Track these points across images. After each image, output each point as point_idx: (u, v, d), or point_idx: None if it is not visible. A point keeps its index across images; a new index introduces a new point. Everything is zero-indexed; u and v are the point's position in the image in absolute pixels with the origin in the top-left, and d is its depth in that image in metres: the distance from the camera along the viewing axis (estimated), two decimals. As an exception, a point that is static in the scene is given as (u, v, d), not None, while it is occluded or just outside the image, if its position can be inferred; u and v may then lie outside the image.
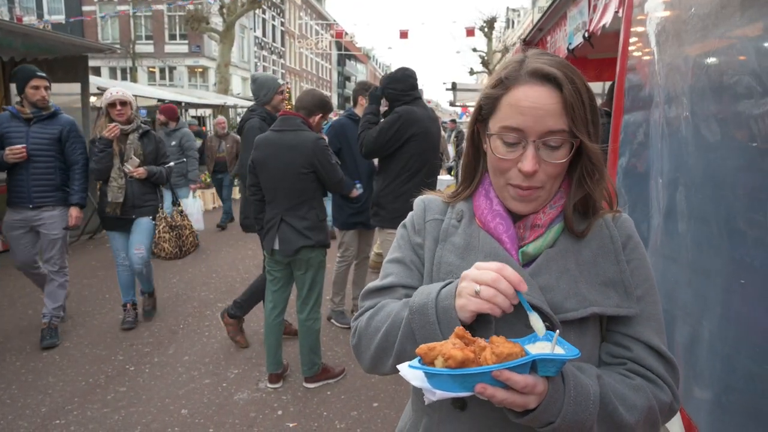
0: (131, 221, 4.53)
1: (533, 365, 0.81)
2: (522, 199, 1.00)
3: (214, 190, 13.25)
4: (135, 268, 4.60)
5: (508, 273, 0.85)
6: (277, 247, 3.46)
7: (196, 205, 7.33)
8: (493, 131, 1.00)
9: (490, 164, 1.04)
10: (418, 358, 0.83)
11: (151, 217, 4.59)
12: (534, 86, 0.96)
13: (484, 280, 0.86)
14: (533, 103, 0.95)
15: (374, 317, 1.05)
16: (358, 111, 4.56)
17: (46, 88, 4.25)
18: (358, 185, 4.39)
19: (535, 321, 0.88)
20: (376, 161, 4.36)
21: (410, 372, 0.85)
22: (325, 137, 3.91)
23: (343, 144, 4.48)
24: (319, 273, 3.58)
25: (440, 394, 0.80)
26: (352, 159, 4.46)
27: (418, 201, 1.19)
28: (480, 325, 0.94)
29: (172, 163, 4.87)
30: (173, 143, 7.37)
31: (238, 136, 8.85)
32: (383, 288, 1.10)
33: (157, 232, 4.69)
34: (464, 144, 1.15)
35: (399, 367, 0.87)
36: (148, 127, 4.67)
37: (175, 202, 5.13)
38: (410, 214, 1.18)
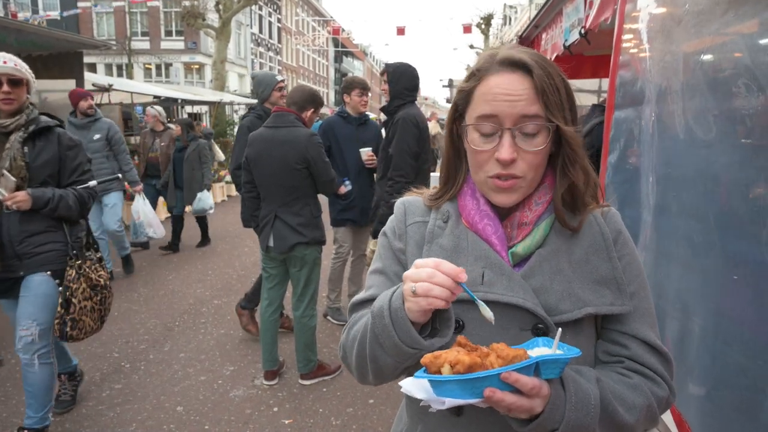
0: (18, 281, 2.76)
1: (536, 369, 0.81)
2: (502, 190, 0.98)
3: (223, 184, 12.79)
4: (22, 361, 2.83)
5: (445, 267, 0.84)
6: (271, 244, 3.45)
7: (147, 208, 6.30)
8: (468, 123, 1.00)
9: (470, 159, 1.03)
10: (423, 368, 0.82)
11: (49, 273, 2.78)
12: (505, 74, 0.96)
13: (420, 278, 0.84)
14: (505, 89, 0.95)
15: (352, 329, 1.05)
16: (348, 109, 4.58)
17: None
18: (347, 182, 4.41)
19: (483, 310, 0.87)
20: (365, 156, 4.36)
21: (413, 385, 0.84)
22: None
23: (332, 141, 4.51)
24: (314, 270, 3.57)
25: (449, 402, 0.79)
26: (341, 156, 4.49)
27: (398, 204, 1.16)
28: (442, 323, 0.92)
29: (93, 183, 2.93)
30: (97, 137, 5.61)
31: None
32: (365, 300, 1.09)
33: (75, 298, 2.79)
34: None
35: (402, 383, 0.86)
36: (55, 121, 2.89)
37: (91, 245, 2.99)
38: (390, 218, 1.15)
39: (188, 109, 23.57)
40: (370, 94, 4.56)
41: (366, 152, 4.37)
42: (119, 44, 24.36)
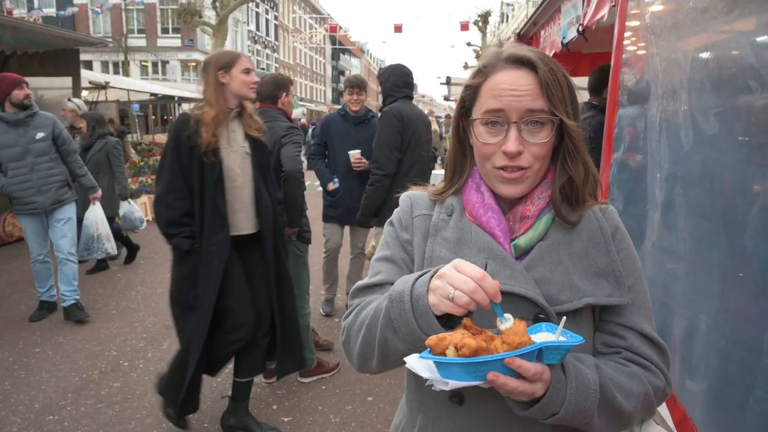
0: None
1: (538, 354, 0.83)
2: (509, 181, 1.01)
3: None
4: None
5: (488, 284, 0.83)
6: None
7: (101, 217, 5.27)
8: (475, 117, 1.03)
9: (476, 152, 1.06)
10: (428, 349, 0.84)
11: None
12: (511, 70, 1.00)
13: (462, 288, 0.83)
14: (511, 85, 0.98)
15: (360, 312, 1.05)
16: (350, 108, 4.60)
17: None
18: (335, 179, 4.42)
19: (506, 324, 0.86)
20: (352, 159, 4.35)
21: (418, 363, 0.85)
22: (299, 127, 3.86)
23: (328, 138, 4.56)
24: (297, 266, 3.51)
25: (453, 384, 0.81)
26: (333, 154, 4.53)
27: (404, 197, 1.19)
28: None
29: None
30: (40, 135, 4.50)
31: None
32: (372, 285, 1.10)
33: None
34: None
35: (407, 359, 0.87)
36: None
37: None
38: (396, 210, 1.18)
39: (185, 106, 23.45)
40: (364, 94, 4.56)
41: (354, 154, 4.33)
42: (115, 41, 24.30)
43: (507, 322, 0.86)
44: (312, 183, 10.63)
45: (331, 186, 4.44)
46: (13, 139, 4.37)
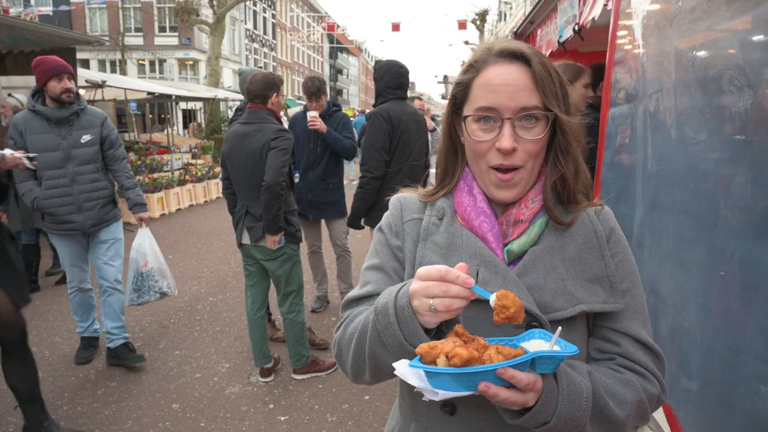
0: None
1: (531, 362, 0.81)
2: (503, 185, 0.99)
3: (219, 180, 12.49)
4: None
5: (452, 276, 0.82)
6: (244, 240, 3.47)
7: (156, 248, 4.02)
8: (468, 114, 1.00)
9: (469, 150, 1.03)
10: (418, 357, 0.82)
11: None
12: (503, 64, 0.97)
13: (434, 294, 0.83)
14: (504, 79, 0.96)
15: (349, 325, 1.03)
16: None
17: None
18: (296, 174, 4.47)
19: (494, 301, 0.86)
20: (309, 118, 4.37)
21: (409, 371, 0.83)
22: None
23: (294, 136, 4.57)
24: (293, 268, 3.55)
25: (443, 394, 0.80)
26: (297, 149, 4.59)
27: (393, 201, 1.16)
28: (448, 325, 0.91)
29: None
30: (86, 138, 3.64)
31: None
32: (362, 297, 1.08)
33: None
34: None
35: (395, 365, 0.85)
36: None
37: None
38: (386, 215, 1.15)
39: (183, 105, 23.40)
40: (323, 97, 4.60)
41: (310, 114, 4.42)
42: (112, 40, 24.22)
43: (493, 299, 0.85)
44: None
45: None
46: (53, 141, 3.53)
